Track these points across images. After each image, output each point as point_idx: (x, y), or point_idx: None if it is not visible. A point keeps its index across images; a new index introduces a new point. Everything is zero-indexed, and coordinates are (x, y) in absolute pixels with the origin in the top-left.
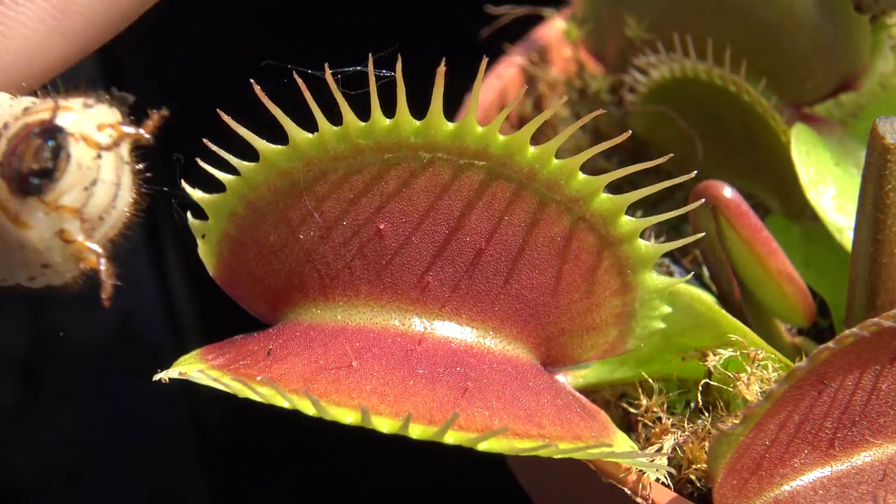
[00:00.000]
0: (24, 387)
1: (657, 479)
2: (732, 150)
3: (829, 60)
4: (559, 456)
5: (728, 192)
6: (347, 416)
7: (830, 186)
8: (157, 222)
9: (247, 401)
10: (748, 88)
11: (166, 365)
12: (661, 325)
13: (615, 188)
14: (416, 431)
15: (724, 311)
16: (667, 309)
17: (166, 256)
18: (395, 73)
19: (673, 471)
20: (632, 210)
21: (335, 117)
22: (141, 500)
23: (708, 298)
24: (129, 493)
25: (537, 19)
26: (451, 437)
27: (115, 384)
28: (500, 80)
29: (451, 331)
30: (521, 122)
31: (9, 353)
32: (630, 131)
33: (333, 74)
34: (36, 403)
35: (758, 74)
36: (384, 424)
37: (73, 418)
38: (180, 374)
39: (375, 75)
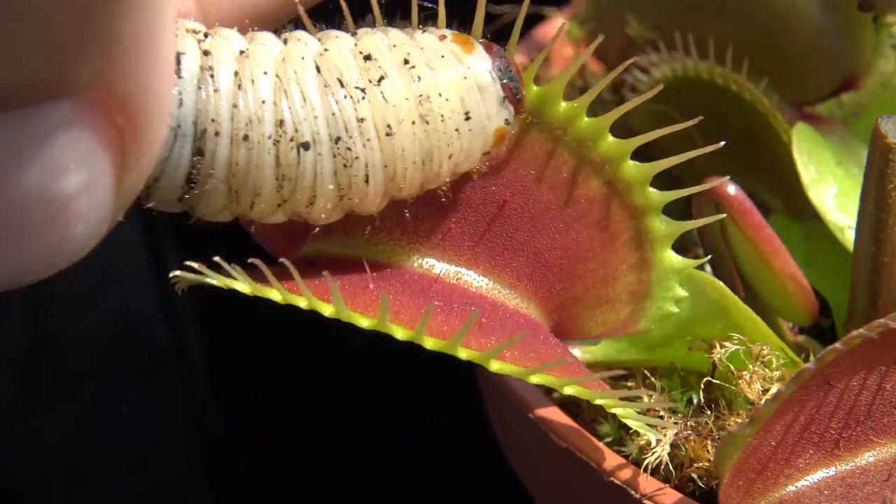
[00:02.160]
0: (24, 387)
1: (657, 464)
2: (734, 149)
3: (831, 60)
4: (567, 389)
5: (732, 189)
6: (363, 321)
7: (832, 186)
8: (157, 222)
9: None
10: (750, 87)
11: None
12: (675, 310)
13: None
14: (430, 343)
15: (736, 298)
16: (682, 292)
17: (166, 256)
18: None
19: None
20: None
21: None
22: (141, 499)
23: (720, 284)
24: (129, 493)
25: (538, 18)
26: (464, 353)
27: (115, 384)
28: None
29: (469, 277)
30: None
31: (9, 353)
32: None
33: None
34: (36, 403)
35: (759, 73)
36: (399, 331)
37: (73, 418)
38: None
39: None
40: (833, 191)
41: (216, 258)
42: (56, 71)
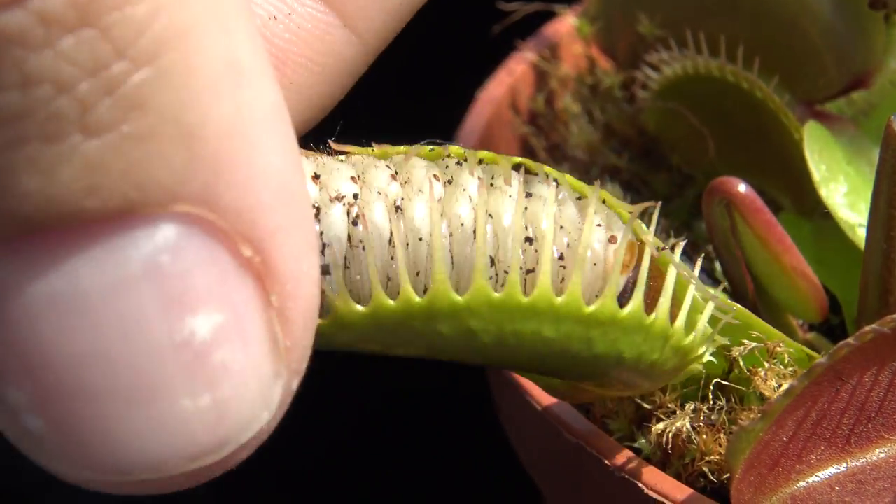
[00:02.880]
0: None
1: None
2: (744, 146)
3: (842, 58)
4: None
5: (742, 188)
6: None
7: (842, 184)
8: None
9: None
10: (761, 85)
11: None
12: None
13: (626, 185)
14: None
15: (756, 318)
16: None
17: None
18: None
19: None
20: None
21: None
22: (141, 499)
23: (740, 307)
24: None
25: (549, 15)
26: None
27: None
28: (510, 75)
29: None
30: (532, 117)
31: None
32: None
33: None
34: None
35: (770, 72)
36: None
37: None
38: None
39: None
40: (844, 189)
41: None
42: (130, 175)
